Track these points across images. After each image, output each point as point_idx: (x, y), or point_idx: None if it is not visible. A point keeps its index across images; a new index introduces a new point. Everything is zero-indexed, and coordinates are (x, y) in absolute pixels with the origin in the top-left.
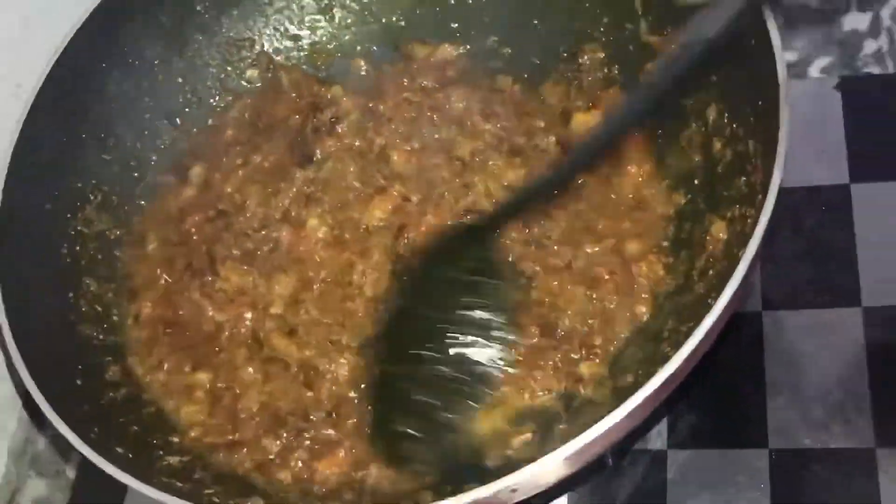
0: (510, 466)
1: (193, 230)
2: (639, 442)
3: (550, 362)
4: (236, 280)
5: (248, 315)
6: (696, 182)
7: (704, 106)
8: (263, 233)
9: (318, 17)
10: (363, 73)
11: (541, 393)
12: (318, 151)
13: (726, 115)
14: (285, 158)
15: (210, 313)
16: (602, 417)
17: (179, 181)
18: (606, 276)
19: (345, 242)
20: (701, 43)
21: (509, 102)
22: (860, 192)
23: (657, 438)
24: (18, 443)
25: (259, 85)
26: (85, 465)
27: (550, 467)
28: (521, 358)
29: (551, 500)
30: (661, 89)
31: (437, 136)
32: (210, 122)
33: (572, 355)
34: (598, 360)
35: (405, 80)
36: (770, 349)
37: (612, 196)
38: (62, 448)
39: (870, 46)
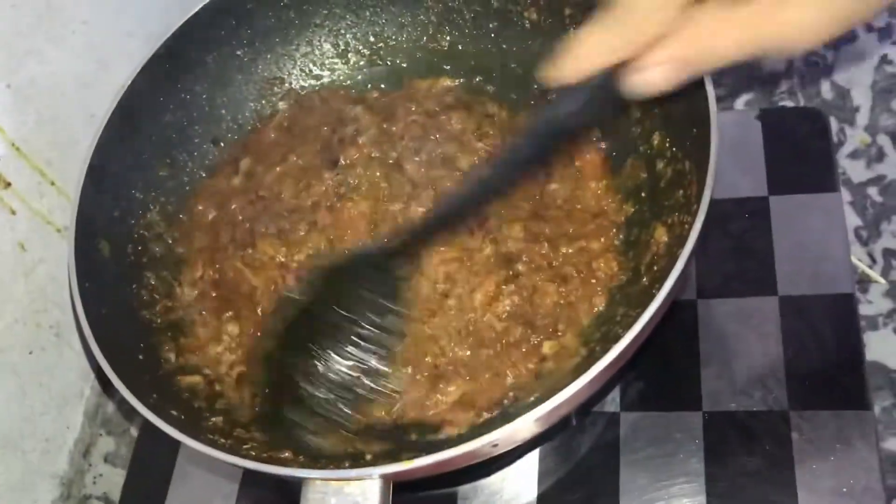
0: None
1: (238, 210)
2: (597, 405)
3: (524, 348)
4: (270, 252)
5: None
6: (643, 195)
7: (650, 133)
8: (296, 215)
9: (336, 60)
10: (375, 99)
11: (512, 378)
12: (342, 158)
13: (668, 140)
14: (315, 161)
15: (248, 277)
16: (567, 385)
17: (230, 170)
18: (575, 274)
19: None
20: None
21: (497, 125)
22: (776, 203)
23: (612, 403)
24: (91, 407)
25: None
26: (146, 426)
27: (526, 425)
28: (499, 348)
29: (525, 454)
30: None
31: (440, 151)
32: (246, 146)
33: (542, 338)
34: (560, 342)
35: (412, 105)
36: (703, 330)
37: (578, 206)
38: (127, 411)
39: (784, 84)
